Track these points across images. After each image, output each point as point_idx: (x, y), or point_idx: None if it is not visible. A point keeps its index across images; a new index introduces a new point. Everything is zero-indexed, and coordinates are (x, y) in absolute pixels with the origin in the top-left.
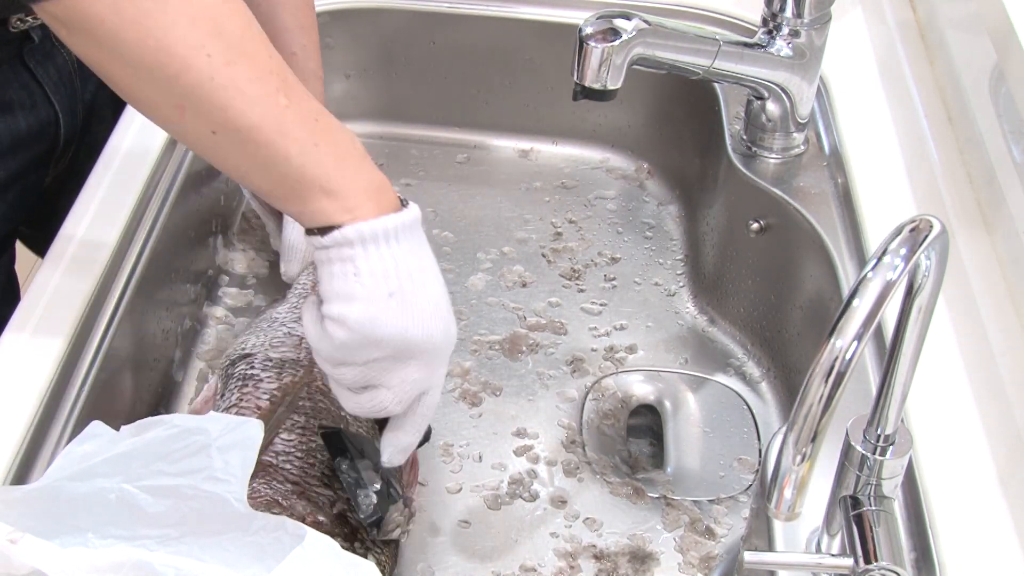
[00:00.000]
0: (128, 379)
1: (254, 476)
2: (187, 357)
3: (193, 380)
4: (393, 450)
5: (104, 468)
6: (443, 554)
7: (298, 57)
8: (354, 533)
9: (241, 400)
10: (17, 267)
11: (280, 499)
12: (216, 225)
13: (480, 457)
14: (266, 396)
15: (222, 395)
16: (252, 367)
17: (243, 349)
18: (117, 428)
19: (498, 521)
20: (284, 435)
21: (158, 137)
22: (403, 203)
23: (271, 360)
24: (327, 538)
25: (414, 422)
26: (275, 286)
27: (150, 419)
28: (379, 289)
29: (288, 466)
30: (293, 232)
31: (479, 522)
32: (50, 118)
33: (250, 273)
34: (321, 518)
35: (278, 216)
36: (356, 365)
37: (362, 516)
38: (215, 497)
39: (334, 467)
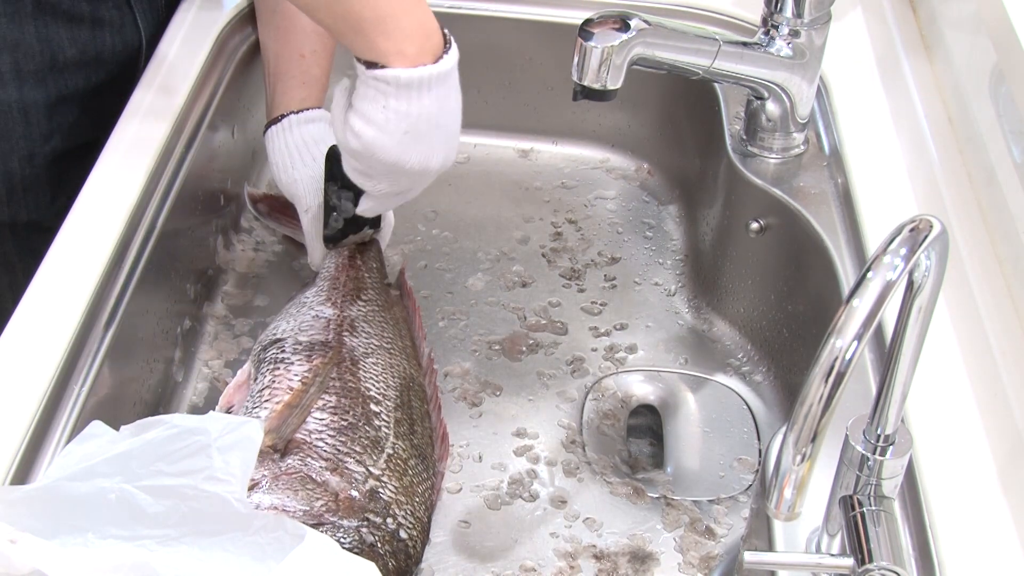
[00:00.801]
0: (128, 379)
1: (289, 453)
2: (187, 357)
3: (193, 380)
4: (365, 208)
5: (104, 468)
6: (443, 554)
7: (306, 60)
8: (387, 508)
9: (273, 382)
10: None
11: (314, 475)
12: (216, 225)
13: (480, 457)
14: (297, 378)
15: (255, 379)
16: (283, 351)
17: (274, 335)
18: (117, 428)
19: (498, 521)
20: (316, 414)
21: (158, 137)
22: (447, 45)
23: (301, 344)
24: (327, 538)
25: (385, 201)
26: (275, 286)
27: (150, 419)
28: (398, 125)
29: (321, 444)
30: (305, 224)
31: (479, 522)
32: (135, 43)
33: (250, 273)
34: (354, 493)
35: (286, 215)
36: (363, 159)
37: (326, 231)
38: (215, 497)
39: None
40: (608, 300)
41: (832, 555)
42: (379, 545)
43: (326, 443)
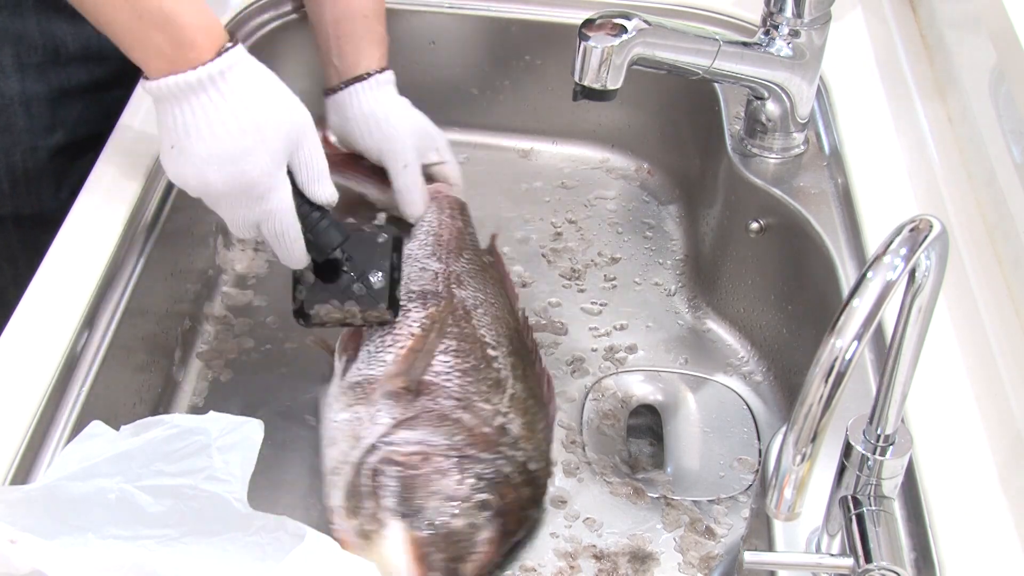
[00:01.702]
0: (128, 379)
1: (421, 394)
2: (187, 357)
3: (193, 380)
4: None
5: (104, 468)
6: None
7: (369, 20)
8: (516, 443)
9: (394, 328)
10: None
11: (448, 413)
12: (216, 225)
13: None
14: (416, 324)
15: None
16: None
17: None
18: (117, 428)
19: None
20: (441, 357)
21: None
22: (221, 51)
23: (413, 292)
24: (327, 538)
25: (271, 245)
26: (275, 286)
27: (150, 419)
28: (164, 140)
29: (449, 384)
30: (404, 179)
31: None
32: None
33: (250, 273)
34: (486, 429)
35: (375, 179)
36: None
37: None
38: (215, 497)
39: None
40: (608, 300)
41: (832, 555)
42: (514, 476)
43: (454, 384)
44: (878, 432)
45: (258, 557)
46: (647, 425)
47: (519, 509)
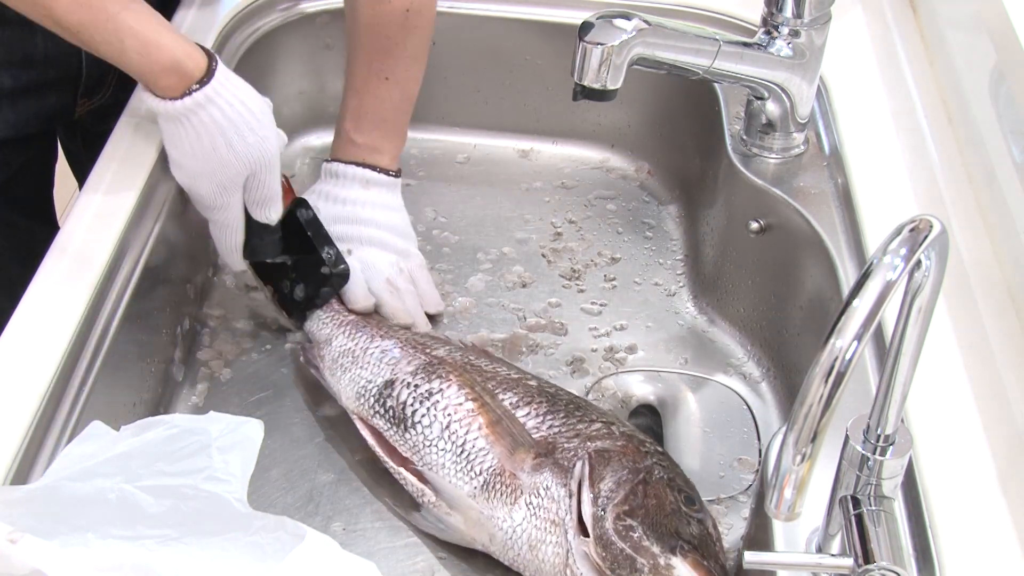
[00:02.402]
0: (128, 379)
1: (551, 452)
2: (187, 357)
3: (193, 380)
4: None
5: (104, 468)
6: (449, 553)
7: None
8: (641, 439)
9: (451, 414)
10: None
11: (593, 448)
12: None
13: None
14: (462, 398)
15: (411, 425)
16: (411, 386)
17: (376, 383)
18: (117, 428)
19: None
20: (520, 412)
21: (158, 138)
22: (190, 89)
23: (417, 373)
24: (327, 538)
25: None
26: None
27: (150, 419)
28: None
29: (555, 424)
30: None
31: None
32: (70, 47)
33: (250, 273)
34: (621, 443)
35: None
36: None
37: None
38: (215, 497)
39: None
40: (608, 300)
41: (832, 555)
42: (666, 474)
43: (557, 423)
44: (878, 432)
45: (258, 557)
46: (647, 425)
47: (688, 479)
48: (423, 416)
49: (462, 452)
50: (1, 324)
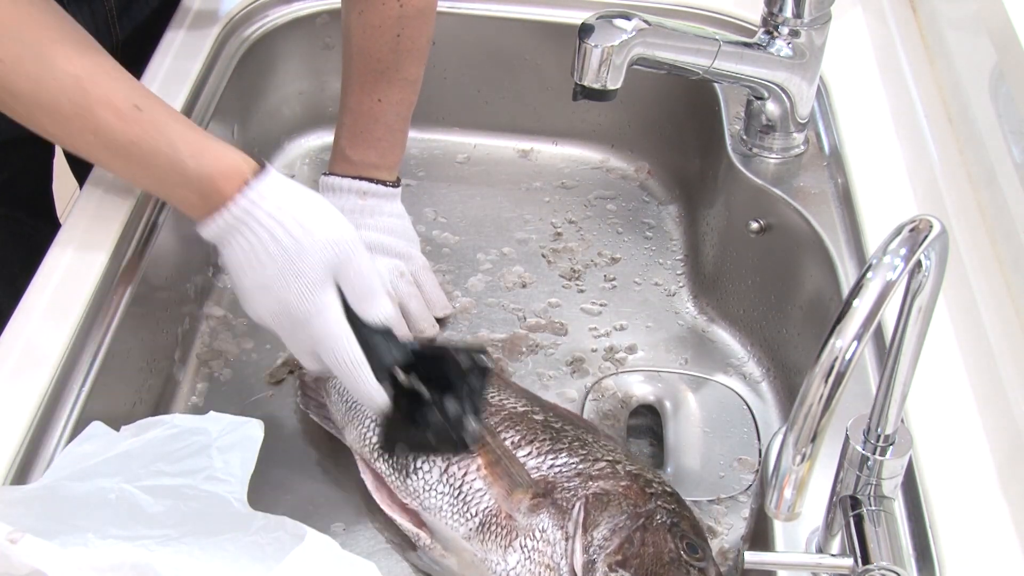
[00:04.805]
0: (128, 379)
1: (550, 492)
2: (187, 357)
3: (193, 380)
4: None
5: (104, 468)
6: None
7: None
8: (648, 478)
9: (454, 461)
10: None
11: (591, 493)
12: None
13: None
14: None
15: (419, 475)
16: None
17: (377, 441)
18: (117, 428)
19: None
20: (521, 452)
21: None
22: (242, 188)
23: None
24: (327, 538)
25: (339, 378)
26: None
27: (150, 419)
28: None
29: (556, 467)
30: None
31: None
32: None
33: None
34: (625, 483)
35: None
36: None
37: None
38: (215, 497)
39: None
40: (608, 300)
41: (832, 555)
42: (671, 500)
43: (559, 462)
44: (878, 432)
45: (258, 557)
46: (647, 425)
47: (696, 523)
48: (424, 462)
49: (459, 494)
50: (2, 323)
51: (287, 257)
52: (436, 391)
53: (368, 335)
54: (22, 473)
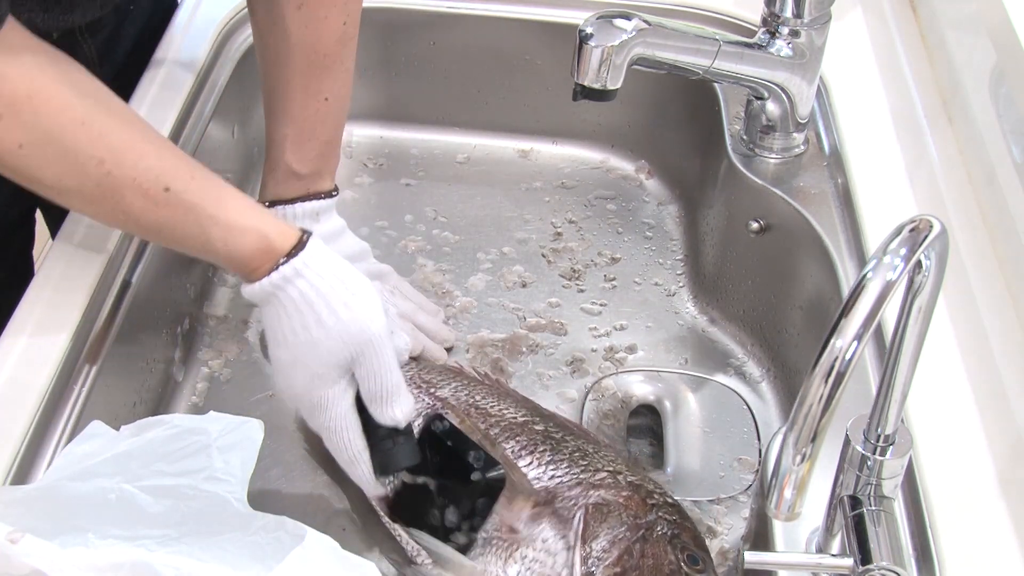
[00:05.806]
0: (128, 379)
1: (552, 501)
2: (187, 357)
3: (193, 380)
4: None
5: (104, 468)
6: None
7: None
8: (649, 492)
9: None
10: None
11: (592, 502)
12: None
13: None
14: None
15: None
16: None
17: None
18: (117, 428)
19: None
20: (523, 463)
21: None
22: (278, 264)
23: (418, 421)
24: (327, 538)
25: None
26: None
27: (150, 419)
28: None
29: (558, 477)
30: None
31: None
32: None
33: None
34: (626, 494)
35: None
36: None
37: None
38: (215, 497)
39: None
40: (608, 300)
41: (832, 555)
42: (673, 511)
43: (561, 475)
44: (878, 432)
45: (258, 557)
46: (647, 425)
47: (697, 534)
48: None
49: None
50: (2, 323)
51: (310, 340)
52: (442, 494)
53: (377, 439)
54: (22, 473)
